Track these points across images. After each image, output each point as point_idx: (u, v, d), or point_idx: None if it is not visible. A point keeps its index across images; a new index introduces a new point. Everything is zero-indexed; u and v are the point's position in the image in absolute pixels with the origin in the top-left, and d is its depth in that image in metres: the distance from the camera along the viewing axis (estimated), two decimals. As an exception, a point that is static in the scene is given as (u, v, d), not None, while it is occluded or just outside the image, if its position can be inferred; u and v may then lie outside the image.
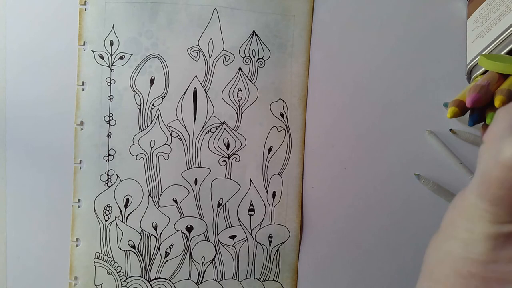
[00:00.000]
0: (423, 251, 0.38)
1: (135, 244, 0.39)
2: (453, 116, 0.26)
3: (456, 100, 0.27)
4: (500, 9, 0.32)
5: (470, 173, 0.38)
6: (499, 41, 0.30)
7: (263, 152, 0.39)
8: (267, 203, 0.39)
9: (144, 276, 0.39)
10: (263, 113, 0.39)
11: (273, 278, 0.39)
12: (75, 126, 0.39)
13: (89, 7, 0.38)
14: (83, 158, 0.38)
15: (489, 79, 0.26)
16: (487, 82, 0.26)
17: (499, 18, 0.31)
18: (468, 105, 0.25)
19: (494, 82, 0.26)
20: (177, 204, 0.39)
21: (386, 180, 0.39)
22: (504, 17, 0.31)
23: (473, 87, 0.26)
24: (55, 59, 0.39)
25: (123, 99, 0.38)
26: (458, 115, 0.26)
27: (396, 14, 0.39)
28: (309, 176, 0.39)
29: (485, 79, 0.26)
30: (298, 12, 0.39)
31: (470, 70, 0.34)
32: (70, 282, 0.39)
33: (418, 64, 0.39)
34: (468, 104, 0.25)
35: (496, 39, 0.31)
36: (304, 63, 0.39)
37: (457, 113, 0.26)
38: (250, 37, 0.39)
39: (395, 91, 0.39)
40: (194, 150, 0.39)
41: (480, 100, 0.25)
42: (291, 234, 0.39)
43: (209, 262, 0.39)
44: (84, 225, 0.39)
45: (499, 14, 0.31)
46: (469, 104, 0.25)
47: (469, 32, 0.36)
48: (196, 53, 0.39)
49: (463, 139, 0.38)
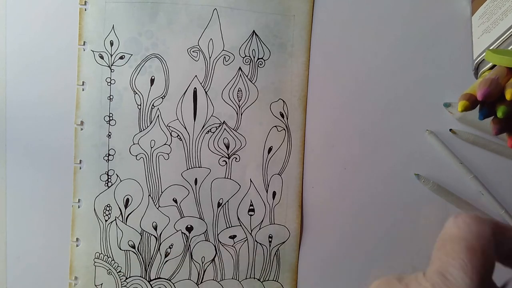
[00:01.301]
0: (423, 251, 0.39)
1: (135, 244, 0.39)
2: (464, 110, 0.26)
3: (467, 94, 0.26)
4: (506, 5, 0.31)
5: (470, 173, 0.38)
6: (506, 36, 0.30)
7: (263, 152, 0.39)
8: (267, 203, 0.39)
9: (144, 276, 0.39)
10: (263, 113, 0.39)
11: (273, 278, 0.39)
12: (75, 126, 0.39)
13: (89, 7, 0.38)
14: (83, 158, 0.38)
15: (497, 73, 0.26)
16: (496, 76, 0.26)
17: (505, 13, 0.31)
18: (479, 98, 0.25)
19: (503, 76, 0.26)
20: (177, 204, 0.39)
21: (386, 180, 0.39)
22: (511, 12, 0.30)
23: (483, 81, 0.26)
24: (55, 59, 0.39)
25: (123, 99, 0.38)
26: (468, 109, 0.26)
27: (395, 14, 0.39)
28: (309, 176, 0.39)
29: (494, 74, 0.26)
30: (298, 12, 0.39)
31: (477, 65, 0.33)
32: (70, 282, 0.39)
33: (418, 64, 0.39)
34: (480, 97, 0.25)
35: (503, 34, 0.31)
36: (304, 63, 0.39)
37: (467, 107, 0.26)
38: (250, 37, 0.39)
39: (395, 91, 0.39)
40: (194, 150, 0.39)
41: (491, 94, 0.25)
42: (291, 234, 0.39)
43: (209, 262, 0.39)
44: (84, 225, 0.39)
45: (505, 9, 0.31)
46: (480, 98, 0.25)
47: (475, 28, 0.36)
48: (196, 53, 0.39)
49: (463, 139, 0.38)
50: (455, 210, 0.38)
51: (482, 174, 0.38)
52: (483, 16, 0.34)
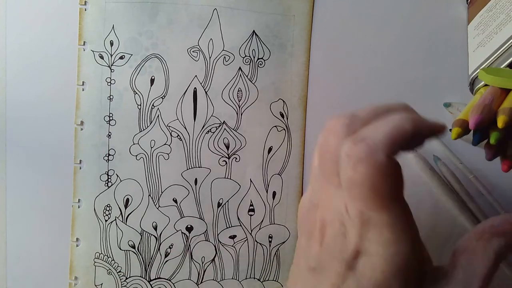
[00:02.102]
0: (423, 251, 0.39)
1: (135, 244, 0.39)
2: (457, 137, 0.26)
3: (459, 120, 0.26)
4: (500, 17, 0.31)
5: (470, 173, 0.38)
6: (499, 53, 0.29)
7: (263, 152, 0.39)
8: (267, 203, 0.39)
9: (144, 276, 0.39)
10: (263, 113, 0.39)
11: (273, 278, 0.39)
12: (75, 126, 0.39)
13: (89, 7, 0.38)
14: (83, 158, 0.38)
15: (492, 94, 0.26)
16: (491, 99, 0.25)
17: (500, 27, 0.30)
18: (471, 127, 0.25)
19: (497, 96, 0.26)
20: (177, 204, 0.39)
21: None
22: (505, 27, 0.30)
23: (475, 107, 0.25)
24: (55, 59, 0.39)
25: (123, 99, 0.38)
26: (461, 135, 0.26)
27: (396, 14, 0.39)
28: (309, 176, 0.39)
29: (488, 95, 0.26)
30: (298, 12, 0.39)
31: (472, 81, 0.33)
32: (70, 282, 0.39)
33: (418, 64, 0.39)
34: (471, 126, 0.25)
35: (496, 51, 0.30)
36: (304, 63, 0.39)
37: (460, 134, 0.26)
38: (250, 37, 0.39)
39: (395, 91, 0.39)
40: (194, 150, 0.39)
41: (483, 121, 0.25)
42: (291, 234, 0.39)
43: (209, 262, 0.39)
44: (84, 225, 0.39)
45: (500, 23, 0.31)
46: (472, 126, 0.25)
47: (470, 39, 0.35)
48: (196, 53, 0.39)
49: (463, 139, 0.38)
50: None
51: (482, 174, 0.38)
52: (478, 27, 0.34)
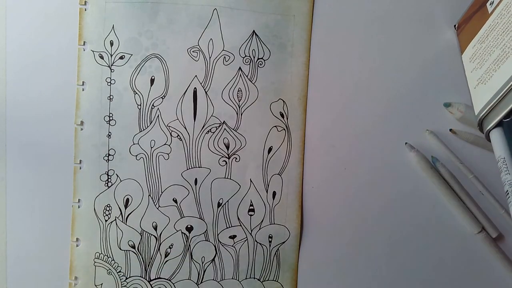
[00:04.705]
0: (424, 251, 0.39)
1: (135, 244, 0.39)
2: None
3: None
4: (496, 52, 0.30)
5: (470, 173, 0.38)
6: (505, 92, 0.28)
7: (263, 152, 0.39)
8: (267, 203, 0.39)
9: (144, 276, 0.39)
10: (263, 113, 0.39)
11: (273, 278, 0.39)
12: (75, 126, 0.39)
13: (89, 7, 0.38)
14: (83, 158, 0.38)
15: None
16: None
17: (497, 64, 0.30)
18: None
19: None
20: (177, 204, 0.39)
21: (387, 180, 0.39)
22: (503, 64, 0.29)
23: None
24: (55, 59, 0.39)
25: (123, 99, 0.38)
26: None
27: (396, 14, 0.39)
28: (309, 176, 0.39)
29: None
30: (298, 12, 0.39)
31: (480, 121, 0.32)
32: (70, 282, 0.39)
33: (418, 64, 0.39)
34: None
35: (501, 90, 0.29)
36: (304, 63, 0.39)
37: None
38: (250, 37, 0.39)
39: (395, 91, 0.39)
40: (194, 150, 0.39)
41: None
42: (291, 234, 0.39)
43: (209, 262, 0.39)
44: (84, 225, 0.39)
45: (496, 59, 0.30)
46: None
47: (468, 73, 0.35)
48: (196, 53, 0.39)
49: (463, 139, 0.38)
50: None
51: (482, 174, 0.38)
52: (473, 59, 0.33)
